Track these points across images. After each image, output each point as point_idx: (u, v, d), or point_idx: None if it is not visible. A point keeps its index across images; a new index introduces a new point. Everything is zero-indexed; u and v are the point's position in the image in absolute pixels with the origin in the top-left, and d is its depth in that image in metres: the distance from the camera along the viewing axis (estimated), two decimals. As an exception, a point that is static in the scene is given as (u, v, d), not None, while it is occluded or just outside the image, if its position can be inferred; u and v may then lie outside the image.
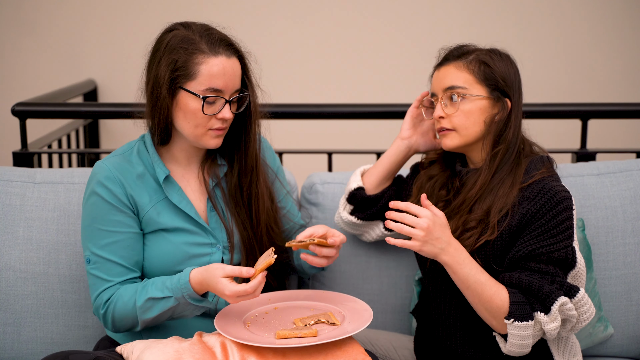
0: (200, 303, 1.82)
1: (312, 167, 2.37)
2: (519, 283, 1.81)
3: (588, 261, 2.20)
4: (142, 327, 1.88)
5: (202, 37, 1.86)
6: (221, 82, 1.85)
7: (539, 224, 1.84)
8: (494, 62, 1.92)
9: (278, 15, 4.18)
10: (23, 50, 4.30)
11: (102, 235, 1.88)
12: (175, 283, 1.81)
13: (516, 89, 1.94)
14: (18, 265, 2.15)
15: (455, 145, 1.94)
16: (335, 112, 2.98)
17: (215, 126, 1.88)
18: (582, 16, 4.23)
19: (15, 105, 2.79)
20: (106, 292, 1.88)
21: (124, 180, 1.90)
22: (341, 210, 2.16)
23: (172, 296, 1.81)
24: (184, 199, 1.94)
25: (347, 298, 1.95)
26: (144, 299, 1.83)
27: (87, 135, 4.17)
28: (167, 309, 1.82)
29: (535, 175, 1.90)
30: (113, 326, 1.89)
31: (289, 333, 1.74)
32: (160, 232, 1.92)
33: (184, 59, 1.84)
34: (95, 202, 1.89)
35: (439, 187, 2.02)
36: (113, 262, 1.87)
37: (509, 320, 1.79)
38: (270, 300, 1.95)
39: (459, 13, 4.24)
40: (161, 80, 1.85)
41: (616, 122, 3.98)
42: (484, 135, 1.93)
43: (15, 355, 2.16)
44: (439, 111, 1.94)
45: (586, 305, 1.85)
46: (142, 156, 1.95)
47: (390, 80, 4.30)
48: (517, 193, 1.88)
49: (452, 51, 1.97)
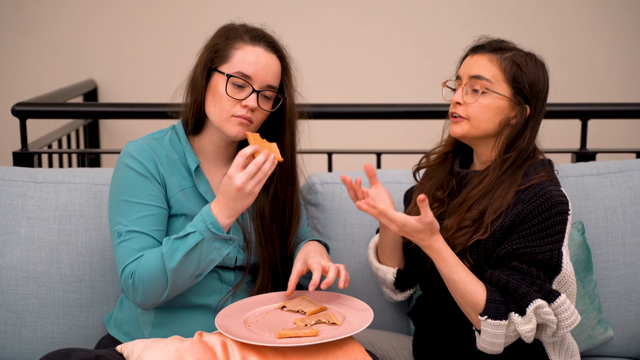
0: (223, 233, 1.81)
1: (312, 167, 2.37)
2: (498, 281, 1.81)
3: (588, 264, 2.20)
4: (171, 284, 1.81)
5: (248, 30, 1.94)
6: (252, 69, 1.89)
7: (529, 224, 1.83)
8: (527, 67, 1.90)
9: (278, 15, 4.18)
10: (23, 50, 4.30)
11: (135, 208, 1.88)
12: (198, 217, 1.82)
13: (541, 99, 1.92)
14: (19, 265, 2.15)
15: (463, 134, 1.92)
16: (335, 112, 2.98)
17: (238, 113, 1.90)
18: (582, 16, 4.23)
19: (15, 105, 2.79)
20: (134, 262, 1.84)
21: (157, 158, 1.92)
22: (393, 295, 2.13)
23: (195, 230, 1.80)
24: (210, 192, 1.96)
25: (347, 298, 1.95)
26: (169, 243, 1.81)
27: (87, 135, 4.17)
28: (192, 247, 1.79)
29: (534, 179, 1.88)
30: (143, 293, 1.83)
31: (289, 332, 1.74)
32: (182, 217, 1.93)
33: (224, 44, 1.92)
34: (127, 174, 1.90)
35: (435, 187, 2.02)
36: (146, 234, 1.87)
37: (483, 317, 1.80)
38: (271, 300, 1.95)
39: (460, 13, 4.24)
40: (200, 63, 1.93)
41: (616, 122, 3.98)
42: (495, 134, 1.91)
43: (16, 354, 2.16)
44: (458, 96, 1.92)
45: (567, 311, 1.82)
46: (174, 144, 1.98)
47: (391, 80, 4.30)
48: (513, 195, 1.87)
49: (492, 42, 1.94)
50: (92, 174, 2.26)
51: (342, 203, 2.31)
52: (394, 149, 2.99)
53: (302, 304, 1.90)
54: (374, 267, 2.10)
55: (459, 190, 1.98)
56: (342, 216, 2.30)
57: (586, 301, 2.18)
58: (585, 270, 2.19)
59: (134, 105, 2.91)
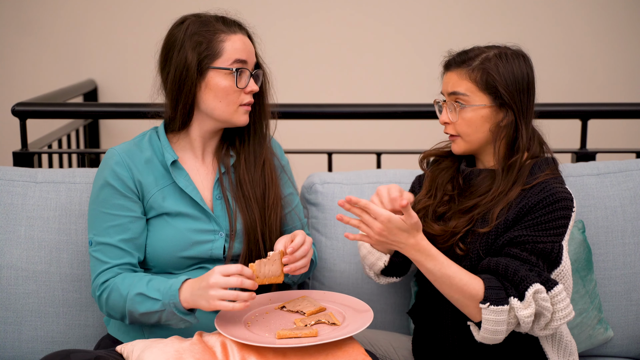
0: (184, 316, 1.82)
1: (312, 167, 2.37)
2: (497, 266, 1.81)
3: (588, 263, 2.20)
4: (130, 320, 1.89)
5: (217, 20, 1.96)
6: (244, 54, 1.95)
7: (533, 216, 1.84)
8: (497, 69, 1.88)
9: (278, 15, 4.18)
10: (23, 50, 4.30)
11: (105, 218, 1.93)
12: (167, 289, 1.82)
13: (524, 93, 1.90)
14: (19, 264, 2.15)
15: (462, 151, 1.95)
16: (335, 112, 2.98)
17: (245, 101, 1.96)
18: (582, 16, 4.23)
19: (15, 105, 2.79)
20: (104, 274, 1.92)
21: (132, 165, 1.95)
22: (375, 278, 2.09)
23: (160, 300, 1.82)
24: (190, 184, 1.97)
25: (347, 298, 1.95)
26: (135, 292, 1.85)
27: (87, 135, 4.18)
28: (153, 310, 1.83)
29: (539, 177, 1.89)
30: (106, 311, 1.93)
31: (289, 333, 1.74)
32: (163, 216, 1.95)
33: (208, 39, 1.92)
34: (103, 186, 1.95)
35: (447, 180, 2.02)
36: (112, 245, 1.92)
37: (485, 304, 1.78)
38: (271, 300, 1.95)
39: (460, 13, 4.24)
40: (189, 63, 1.91)
41: (616, 122, 3.98)
42: (492, 140, 1.92)
43: (16, 354, 2.16)
44: (444, 117, 1.95)
45: (563, 302, 1.81)
46: (153, 143, 2.00)
47: (391, 80, 4.30)
48: (519, 194, 1.88)
49: (456, 57, 1.94)
50: (92, 174, 2.26)
51: (342, 203, 2.31)
52: (394, 149, 2.99)
53: (302, 304, 1.90)
54: (364, 248, 2.06)
55: (466, 188, 1.98)
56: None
57: (586, 300, 2.18)
58: (586, 269, 2.19)
59: (134, 105, 2.90)
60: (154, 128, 2.04)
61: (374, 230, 1.78)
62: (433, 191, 2.03)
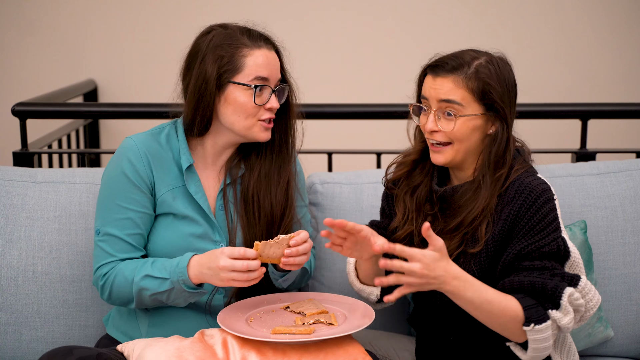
0: (194, 290, 1.84)
1: (312, 167, 2.37)
2: (521, 286, 1.75)
3: (589, 262, 2.20)
4: (137, 304, 1.90)
5: (243, 33, 1.93)
6: (266, 70, 1.91)
7: (523, 223, 1.80)
8: (493, 78, 1.82)
9: (278, 15, 4.18)
10: (23, 50, 4.30)
11: (117, 210, 1.92)
12: (174, 267, 1.84)
13: (513, 101, 1.87)
14: (19, 265, 2.15)
15: (448, 161, 1.87)
16: (335, 112, 2.98)
17: (264, 117, 1.93)
18: (582, 16, 4.23)
19: (15, 105, 2.79)
20: (107, 265, 1.92)
21: (150, 157, 1.94)
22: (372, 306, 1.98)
23: (168, 279, 1.84)
24: (200, 191, 1.97)
25: (347, 298, 1.95)
26: (141, 275, 1.86)
27: (87, 135, 4.18)
28: (162, 290, 1.85)
29: (509, 175, 1.85)
30: (109, 297, 1.93)
31: (284, 329, 1.76)
32: (170, 216, 1.95)
33: (230, 53, 1.90)
34: (119, 177, 1.94)
35: (423, 200, 1.94)
36: (120, 238, 1.92)
37: (529, 326, 1.72)
38: (281, 299, 1.98)
39: (460, 13, 4.24)
40: (209, 76, 1.90)
41: (616, 122, 3.98)
42: (479, 150, 1.87)
43: (16, 354, 2.16)
44: (432, 124, 1.85)
45: (591, 292, 1.80)
46: (171, 141, 1.99)
47: (391, 80, 4.29)
48: (496, 200, 1.84)
49: (449, 61, 1.84)
50: (92, 174, 2.26)
51: (342, 203, 2.31)
52: (394, 149, 2.99)
53: (306, 305, 1.90)
54: (356, 288, 2.02)
55: (447, 207, 1.91)
56: (342, 216, 2.30)
57: (586, 300, 2.18)
58: (587, 269, 2.19)
59: (134, 105, 2.91)
60: (173, 123, 2.02)
61: (416, 274, 1.67)
62: (411, 214, 1.95)
